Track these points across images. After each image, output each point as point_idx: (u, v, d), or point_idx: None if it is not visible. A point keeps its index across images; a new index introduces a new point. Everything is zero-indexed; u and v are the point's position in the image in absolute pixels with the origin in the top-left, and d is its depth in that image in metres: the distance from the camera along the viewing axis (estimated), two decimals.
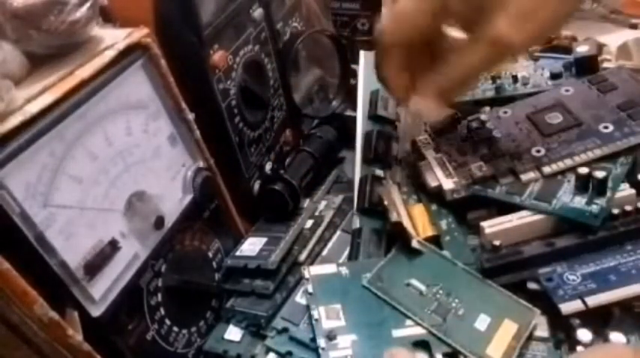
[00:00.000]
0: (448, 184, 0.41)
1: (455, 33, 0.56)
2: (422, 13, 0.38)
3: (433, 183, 0.42)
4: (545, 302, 0.36)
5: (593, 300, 0.34)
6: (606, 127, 0.41)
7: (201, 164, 0.41)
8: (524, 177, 0.40)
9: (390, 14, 0.41)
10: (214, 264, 0.44)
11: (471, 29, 0.40)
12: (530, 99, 0.46)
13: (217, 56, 0.41)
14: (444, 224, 0.42)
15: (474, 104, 0.48)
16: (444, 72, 0.38)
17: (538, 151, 0.41)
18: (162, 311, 0.38)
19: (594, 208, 0.37)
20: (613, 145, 0.40)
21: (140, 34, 0.35)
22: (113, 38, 0.34)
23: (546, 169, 0.40)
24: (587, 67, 0.47)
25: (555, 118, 0.43)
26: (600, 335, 0.34)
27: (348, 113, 0.56)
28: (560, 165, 0.40)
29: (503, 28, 0.35)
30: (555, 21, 0.37)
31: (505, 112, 0.45)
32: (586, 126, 0.41)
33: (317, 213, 0.48)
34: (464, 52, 0.37)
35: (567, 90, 0.45)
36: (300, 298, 0.40)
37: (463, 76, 0.38)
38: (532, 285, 0.37)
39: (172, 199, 0.39)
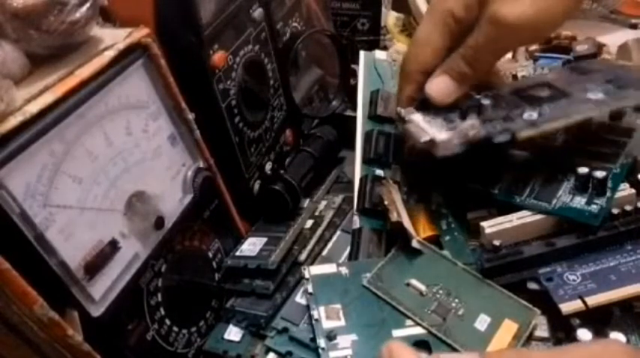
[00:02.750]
0: (441, 135, 0.38)
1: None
2: (439, 32, 0.40)
3: (423, 138, 0.39)
4: (545, 302, 0.36)
5: (593, 300, 0.34)
6: (595, 95, 0.40)
7: (201, 164, 0.41)
8: (522, 134, 0.38)
9: (411, 41, 0.43)
10: (214, 264, 0.44)
11: None
12: (514, 82, 0.45)
13: (217, 56, 0.41)
14: (444, 224, 0.42)
15: None
16: (456, 54, 0.40)
17: (530, 115, 0.39)
18: (162, 311, 0.38)
19: (594, 208, 0.37)
20: (606, 106, 0.39)
21: (140, 34, 0.35)
22: (113, 38, 0.34)
23: (545, 126, 0.38)
24: None
25: (542, 91, 0.42)
26: (600, 335, 0.34)
27: (348, 113, 0.56)
28: (555, 124, 0.38)
29: (496, 7, 0.37)
30: (550, 4, 0.37)
31: (490, 89, 0.43)
32: (575, 96, 0.40)
33: (317, 213, 0.48)
34: (471, 35, 0.39)
35: (551, 74, 0.44)
36: (300, 298, 0.40)
37: (472, 56, 0.39)
38: (532, 285, 0.37)
39: (172, 199, 0.39)
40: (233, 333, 0.41)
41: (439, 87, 0.40)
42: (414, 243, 0.40)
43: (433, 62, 0.41)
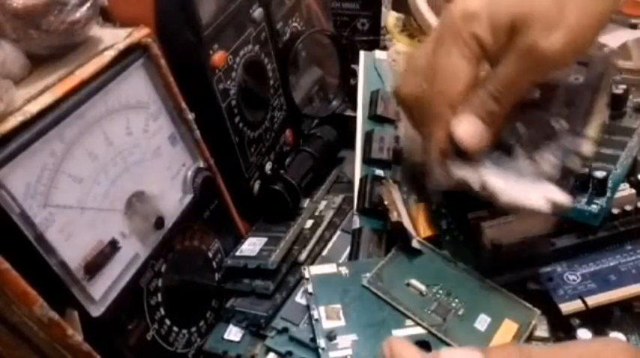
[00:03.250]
0: (561, 195, 0.34)
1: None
2: (468, 61, 0.35)
3: (543, 206, 0.33)
4: (545, 302, 0.36)
5: (593, 300, 0.34)
6: (577, 79, 0.39)
7: (201, 164, 0.41)
8: (587, 152, 0.36)
9: (427, 72, 0.36)
10: (214, 264, 0.44)
11: None
12: None
13: (217, 56, 0.41)
14: (444, 224, 0.42)
15: None
16: (482, 91, 0.35)
17: (560, 123, 0.36)
18: (162, 311, 0.38)
19: (594, 208, 0.37)
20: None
21: (140, 34, 0.35)
22: (113, 38, 0.34)
23: (590, 133, 0.37)
24: None
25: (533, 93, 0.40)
26: (600, 335, 0.34)
27: (348, 113, 0.56)
28: (598, 120, 0.37)
29: (532, 38, 0.33)
30: (583, 29, 0.34)
31: None
32: (562, 86, 0.39)
33: (317, 213, 0.48)
34: (499, 68, 0.35)
35: None
36: (300, 298, 0.40)
37: (502, 92, 0.35)
38: (532, 285, 0.37)
39: (172, 199, 0.39)
40: (233, 333, 0.41)
41: (469, 131, 0.35)
42: (414, 243, 0.40)
43: (464, 96, 0.35)
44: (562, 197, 0.33)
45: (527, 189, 0.34)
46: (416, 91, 0.37)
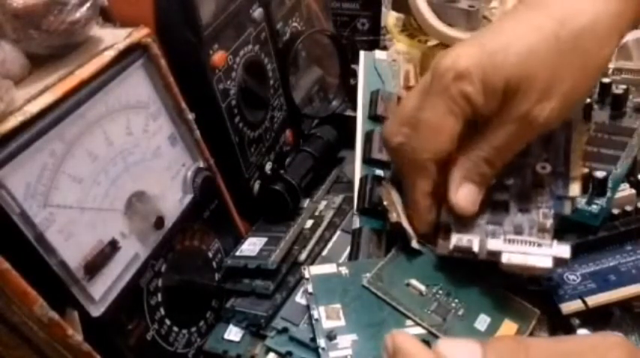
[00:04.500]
0: (560, 249, 0.34)
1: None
2: (455, 117, 0.35)
3: (547, 263, 0.34)
4: (545, 302, 0.36)
5: (593, 300, 0.34)
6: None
7: (201, 164, 0.41)
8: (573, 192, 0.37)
9: (414, 124, 0.37)
10: (214, 264, 0.44)
11: None
12: None
13: (217, 56, 0.41)
14: None
15: None
16: (475, 156, 0.36)
17: (543, 168, 0.37)
18: (162, 311, 0.38)
19: (594, 208, 0.37)
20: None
21: (140, 34, 0.35)
22: (113, 38, 0.35)
23: (574, 173, 0.38)
24: None
25: None
26: None
27: (348, 113, 0.56)
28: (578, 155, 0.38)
29: (527, 105, 0.33)
30: (576, 94, 0.35)
31: None
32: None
33: (317, 213, 0.48)
34: (493, 134, 0.35)
35: None
36: (300, 298, 0.40)
37: (495, 156, 0.35)
38: (532, 285, 0.37)
39: (172, 199, 0.39)
40: (233, 333, 0.41)
41: (465, 196, 0.36)
42: (414, 244, 0.40)
43: (448, 150, 0.36)
44: (562, 250, 0.34)
45: (527, 248, 0.34)
46: (401, 140, 0.38)
